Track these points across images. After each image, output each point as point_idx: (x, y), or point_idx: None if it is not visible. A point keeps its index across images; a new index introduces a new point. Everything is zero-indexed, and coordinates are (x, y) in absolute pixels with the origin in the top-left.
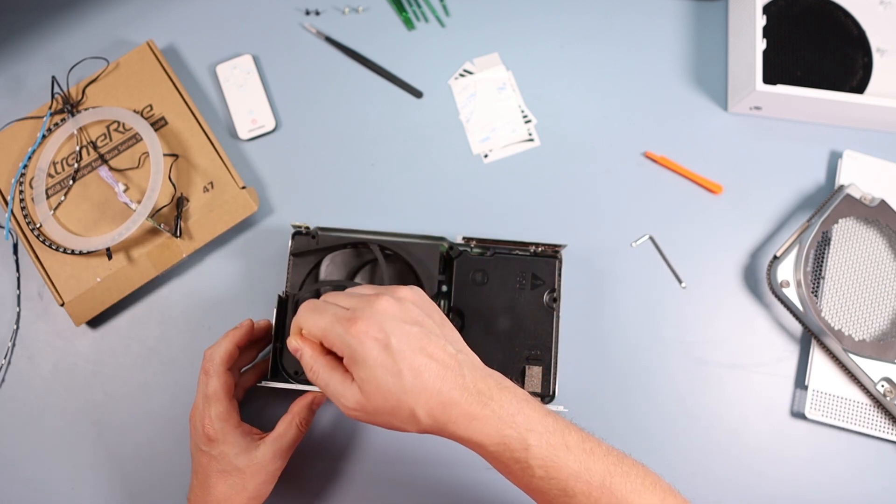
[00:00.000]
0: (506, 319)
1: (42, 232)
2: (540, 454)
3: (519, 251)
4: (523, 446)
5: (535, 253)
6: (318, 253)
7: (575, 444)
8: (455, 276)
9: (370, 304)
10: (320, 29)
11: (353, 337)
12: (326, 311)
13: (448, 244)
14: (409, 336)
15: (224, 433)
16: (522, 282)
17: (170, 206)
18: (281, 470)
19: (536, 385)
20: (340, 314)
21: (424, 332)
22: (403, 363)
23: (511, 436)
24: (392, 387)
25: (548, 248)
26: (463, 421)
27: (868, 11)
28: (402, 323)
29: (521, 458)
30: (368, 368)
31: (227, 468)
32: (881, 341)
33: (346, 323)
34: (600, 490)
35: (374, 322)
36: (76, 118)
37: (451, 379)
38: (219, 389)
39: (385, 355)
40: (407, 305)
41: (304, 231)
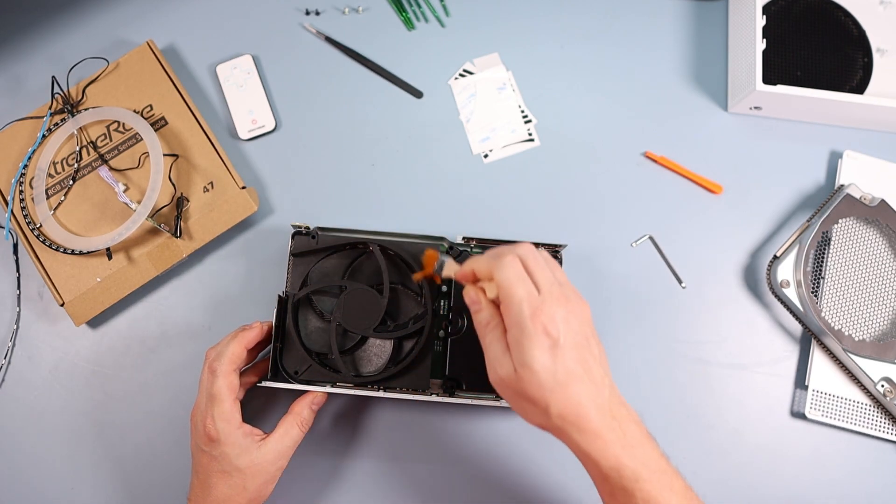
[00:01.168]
0: None
1: (42, 232)
2: (647, 489)
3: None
4: (634, 477)
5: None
6: (318, 253)
7: (680, 489)
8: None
9: (557, 304)
10: (320, 29)
11: (532, 324)
12: (524, 283)
13: (448, 244)
14: (576, 346)
15: (225, 433)
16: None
17: (170, 206)
18: (282, 470)
19: None
20: (532, 293)
21: (588, 350)
22: (561, 365)
23: (627, 464)
24: (543, 380)
25: (548, 248)
26: (590, 436)
27: (868, 11)
28: (574, 333)
29: (628, 488)
30: (531, 357)
31: (227, 468)
32: (881, 341)
33: (534, 307)
34: None
35: (556, 320)
36: (76, 118)
37: (593, 395)
38: (223, 389)
39: (550, 354)
40: (584, 320)
41: (304, 231)
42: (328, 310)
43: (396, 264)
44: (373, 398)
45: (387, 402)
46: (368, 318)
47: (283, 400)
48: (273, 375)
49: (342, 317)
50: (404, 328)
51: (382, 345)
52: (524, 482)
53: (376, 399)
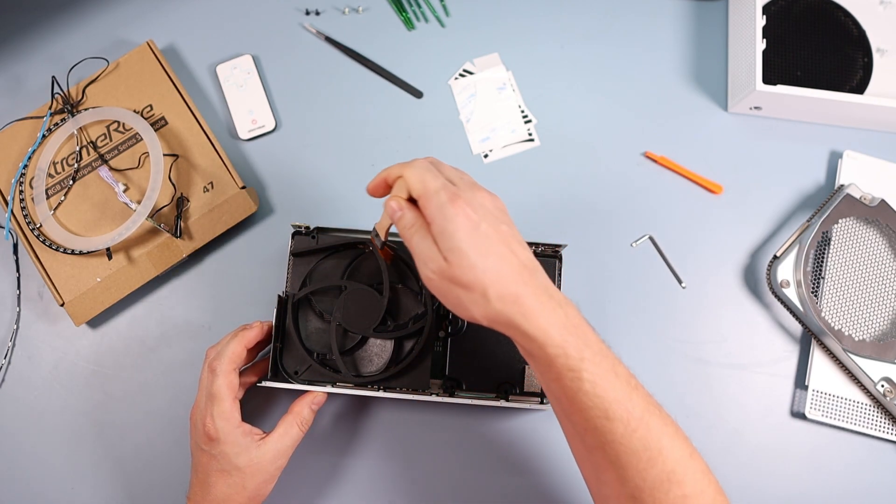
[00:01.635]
0: None
1: (42, 232)
2: (592, 369)
3: None
4: (580, 356)
5: (536, 253)
6: (318, 253)
7: (623, 373)
8: None
9: (472, 190)
10: (320, 29)
11: (452, 208)
12: (438, 177)
13: None
14: (498, 229)
15: (225, 433)
16: None
17: (170, 206)
18: (281, 469)
19: (536, 385)
20: (448, 186)
21: (511, 233)
22: (489, 247)
23: (571, 343)
24: (474, 262)
25: (548, 247)
26: (531, 316)
27: (868, 11)
28: (494, 216)
29: (574, 367)
30: (457, 240)
31: (226, 467)
32: (881, 341)
33: (450, 194)
34: (638, 422)
35: (474, 205)
36: (76, 118)
37: (528, 277)
38: (223, 388)
39: (474, 233)
40: (499, 205)
41: (304, 231)
42: (328, 310)
43: (396, 264)
44: (372, 398)
45: (387, 401)
46: (368, 318)
47: (283, 400)
48: (273, 375)
49: (342, 317)
50: (404, 328)
51: (383, 345)
52: (524, 482)
53: (376, 399)
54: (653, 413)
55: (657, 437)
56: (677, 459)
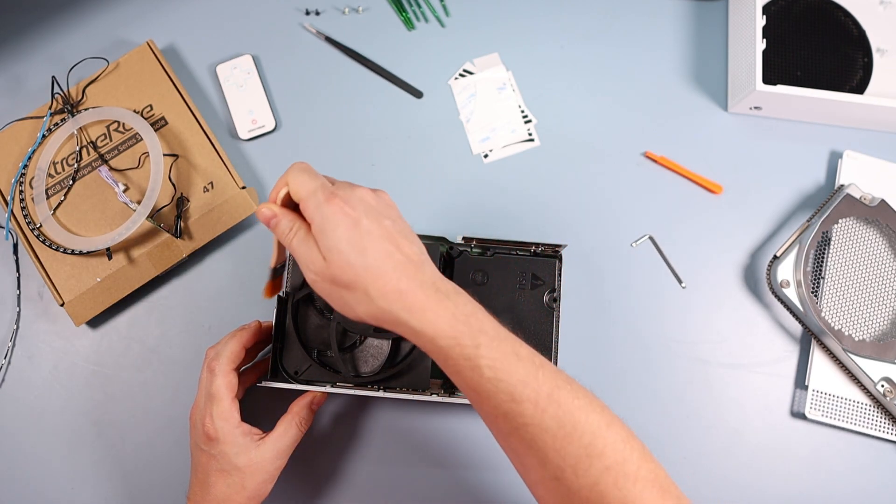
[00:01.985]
0: (506, 319)
1: (42, 232)
2: (490, 355)
3: (519, 251)
4: (474, 343)
5: (536, 253)
6: None
7: (525, 355)
8: (455, 276)
9: (351, 188)
10: (320, 29)
11: (329, 207)
12: (316, 178)
13: (448, 244)
14: (380, 224)
15: (224, 432)
16: (523, 282)
17: (170, 206)
18: (280, 469)
19: None
20: (325, 185)
21: (394, 228)
22: (369, 243)
23: (463, 332)
24: (353, 260)
25: (548, 248)
26: (417, 311)
27: (868, 11)
28: (376, 212)
29: (471, 356)
30: (335, 239)
31: (226, 467)
32: (881, 341)
33: (327, 193)
34: (548, 400)
35: (352, 201)
36: (76, 118)
37: (412, 271)
38: (222, 388)
39: (353, 230)
40: (382, 202)
41: None
42: (329, 307)
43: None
44: (372, 398)
45: (386, 401)
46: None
47: (283, 400)
48: (273, 375)
49: (342, 317)
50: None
51: (380, 345)
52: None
53: (376, 399)
54: (562, 388)
55: (569, 411)
56: (594, 432)
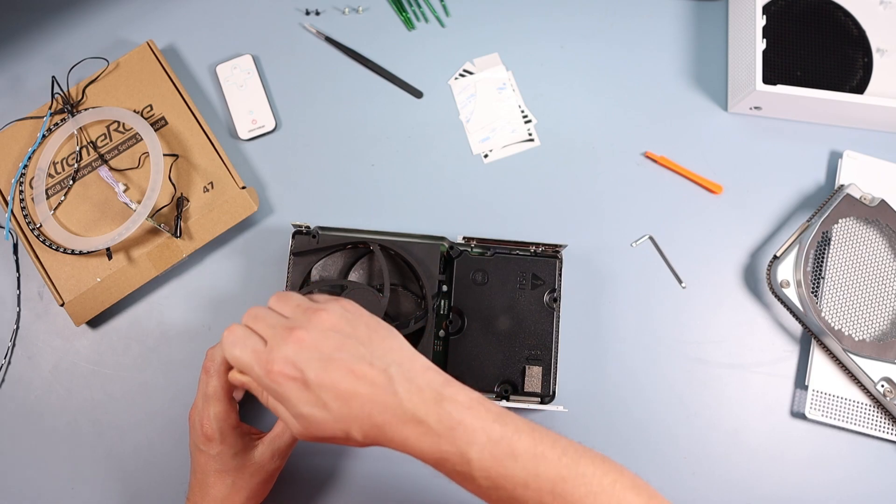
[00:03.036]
0: (506, 319)
1: (42, 232)
2: (482, 466)
3: (519, 251)
4: (464, 460)
5: (536, 253)
6: (318, 252)
7: (524, 450)
8: (455, 275)
9: (284, 340)
10: (320, 29)
11: (273, 380)
12: (246, 345)
13: (448, 244)
14: (329, 364)
15: (222, 433)
16: (523, 282)
17: (170, 206)
18: (279, 469)
19: (536, 385)
20: (258, 351)
21: (347, 355)
22: (327, 394)
23: (449, 451)
24: (321, 418)
25: (548, 248)
26: (398, 439)
27: (868, 11)
28: (318, 353)
29: (463, 471)
30: (293, 406)
31: (224, 468)
32: (881, 341)
33: (263, 364)
34: (551, 496)
35: (289, 361)
36: (76, 118)
37: (382, 399)
38: (219, 389)
39: (306, 393)
40: (327, 328)
41: (305, 231)
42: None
43: (397, 264)
44: None
45: None
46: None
47: None
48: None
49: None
50: (405, 328)
51: None
52: None
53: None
54: (567, 479)
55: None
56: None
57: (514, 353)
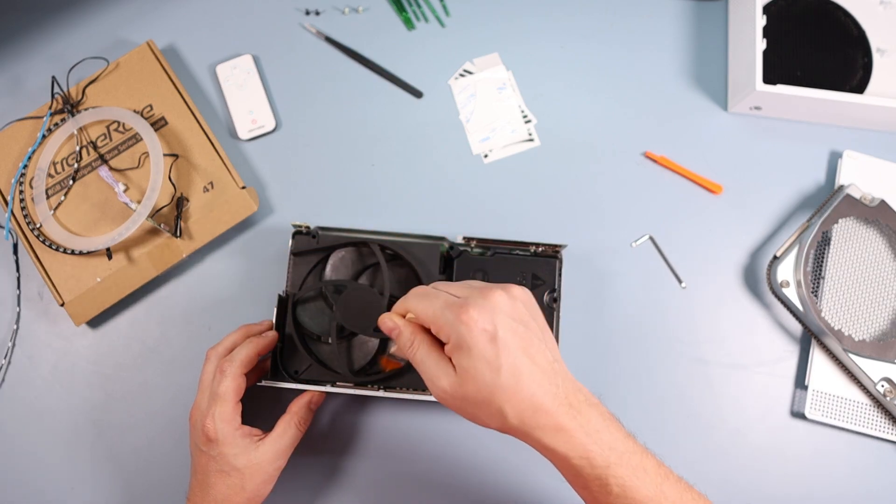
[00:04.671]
0: None
1: (42, 232)
2: (620, 473)
3: (519, 251)
4: (605, 463)
5: (536, 253)
6: (318, 252)
7: (652, 468)
8: (455, 275)
9: (483, 296)
10: (320, 29)
11: (463, 323)
12: (438, 297)
13: (448, 244)
14: (515, 334)
15: (224, 434)
16: (523, 281)
17: (170, 206)
18: (280, 470)
19: None
20: (451, 301)
21: (529, 334)
22: (505, 359)
23: (595, 451)
24: (489, 380)
25: (548, 248)
26: (550, 430)
27: (868, 11)
28: (511, 320)
29: (601, 476)
30: (472, 358)
31: (225, 468)
32: (881, 341)
33: (457, 309)
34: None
35: (485, 312)
36: (76, 118)
37: (546, 386)
38: (230, 391)
39: (490, 347)
40: (517, 304)
41: (305, 231)
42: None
43: (398, 265)
44: (372, 398)
45: (386, 401)
46: (368, 317)
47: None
48: (273, 375)
49: (342, 316)
50: None
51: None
52: (526, 481)
53: (376, 399)
54: (686, 501)
55: None
56: None
57: None
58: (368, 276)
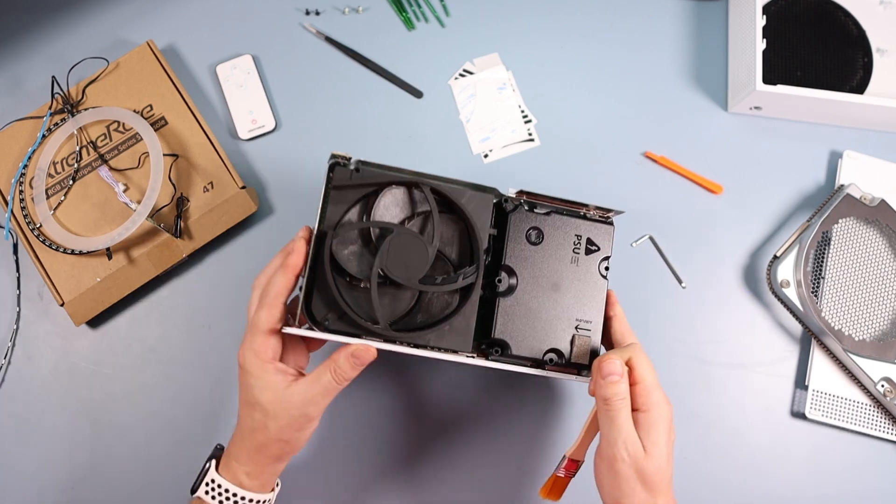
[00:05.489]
0: (559, 284)
1: (42, 232)
2: None
3: (568, 212)
4: None
5: (585, 216)
6: (359, 189)
7: None
8: (510, 232)
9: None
10: (320, 29)
11: (668, 406)
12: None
13: (498, 195)
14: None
15: (252, 365)
16: (578, 246)
17: (170, 206)
18: (311, 421)
19: (584, 355)
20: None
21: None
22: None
23: None
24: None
25: (601, 211)
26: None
27: (868, 11)
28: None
29: None
30: (661, 438)
31: (251, 401)
32: (881, 341)
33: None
34: None
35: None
36: (76, 118)
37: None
38: (262, 321)
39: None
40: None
41: (343, 162)
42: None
43: (449, 211)
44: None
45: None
46: (414, 267)
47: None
48: (300, 322)
49: (386, 263)
50: (452, 283)
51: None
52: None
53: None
54: None
55: None
56: None
57: (564, 320)
58: (414, 225)
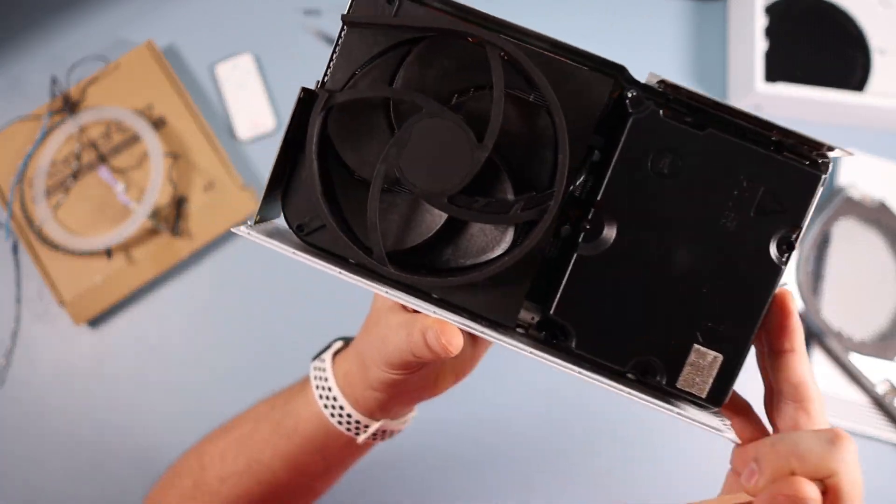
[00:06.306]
0: (688, 253)
1: (42, 232)
2: None
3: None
4: None
5: (778, 148)
6: (391, 34)
7: None
8: (622, 148)
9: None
10: (320, 29)
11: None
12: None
13: (627, 78)
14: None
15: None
16: (743, 196)
17: (170, 206)
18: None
19: (704, 380)
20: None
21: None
22: None
23: None
24: None
25: (808, 144)
26: None
27: (868, 11)
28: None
29: None
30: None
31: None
32: (881, 341)
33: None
34: None
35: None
36: (76, 118)
37: None
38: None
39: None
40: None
41: None
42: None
43: (517, 103)
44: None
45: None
46: (445, 175)
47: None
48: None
49: (404, 162)
50: (505, 212)
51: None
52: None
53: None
54: None
55: None
56: None
57: (684, 314)
58: (465, 110)
